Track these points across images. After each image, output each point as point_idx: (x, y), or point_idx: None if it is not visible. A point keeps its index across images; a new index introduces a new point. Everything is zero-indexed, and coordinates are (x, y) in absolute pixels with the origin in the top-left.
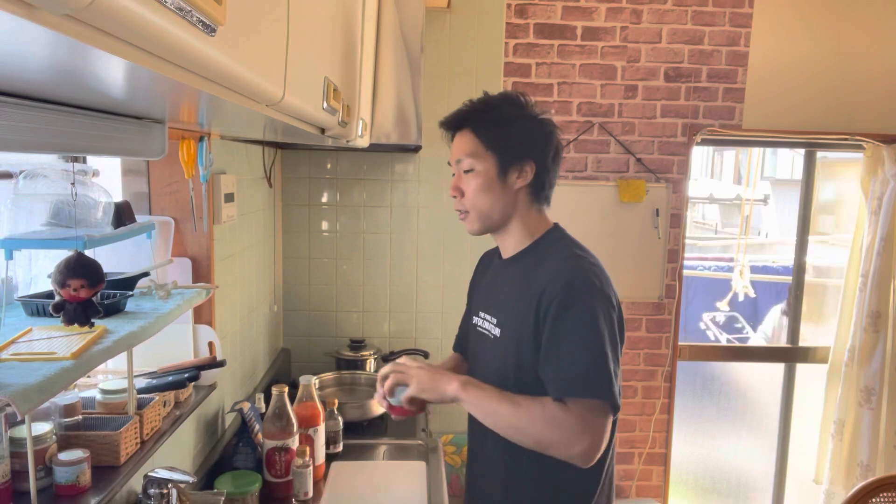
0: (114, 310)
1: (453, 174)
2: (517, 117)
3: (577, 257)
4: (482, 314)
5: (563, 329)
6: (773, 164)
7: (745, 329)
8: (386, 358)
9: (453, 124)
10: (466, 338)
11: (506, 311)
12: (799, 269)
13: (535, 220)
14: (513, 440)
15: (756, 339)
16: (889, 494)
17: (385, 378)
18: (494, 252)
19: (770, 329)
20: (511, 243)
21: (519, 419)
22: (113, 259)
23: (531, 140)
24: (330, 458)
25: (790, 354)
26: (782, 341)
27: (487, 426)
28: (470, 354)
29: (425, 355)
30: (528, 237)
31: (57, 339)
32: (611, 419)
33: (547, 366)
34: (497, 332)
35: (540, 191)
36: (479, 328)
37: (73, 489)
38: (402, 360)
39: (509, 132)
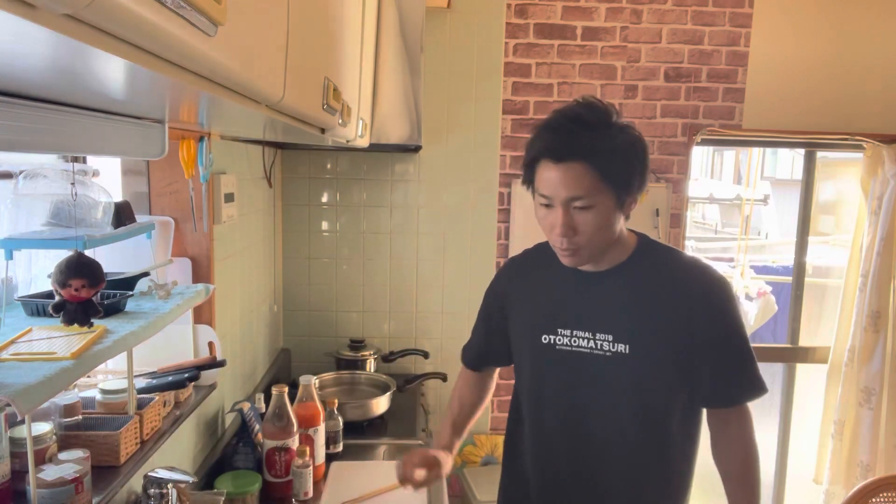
0: (114, 310)
1: (544, 204)
2: (624, 140)
3: (694, 263)
4: (569, 331)
5: (726, 341)
6: (773, 164)
7: None
8: (386, 358)
9: (561, 153)
10: (497, 354)
11: (631, 326)
12: (799, 269)
13: (624, 234)
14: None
15: None
16: (889, 494)
17: None
18: (536, 262)
19: None
20: (604, 258)
21: (754, 480)
22: (113, 259)
23: (639, 164)
24: (330, 458)
25: (790, 354)
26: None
27: None
28: (542, 374)
29: (425, 355)
30: (623, 251)
31: (57, 339)
32: None
33: (721, 378)
34: (621, 348)
35: (631, 207)
36: (562, 347)
37: None
38: None
39: (623, 161)
